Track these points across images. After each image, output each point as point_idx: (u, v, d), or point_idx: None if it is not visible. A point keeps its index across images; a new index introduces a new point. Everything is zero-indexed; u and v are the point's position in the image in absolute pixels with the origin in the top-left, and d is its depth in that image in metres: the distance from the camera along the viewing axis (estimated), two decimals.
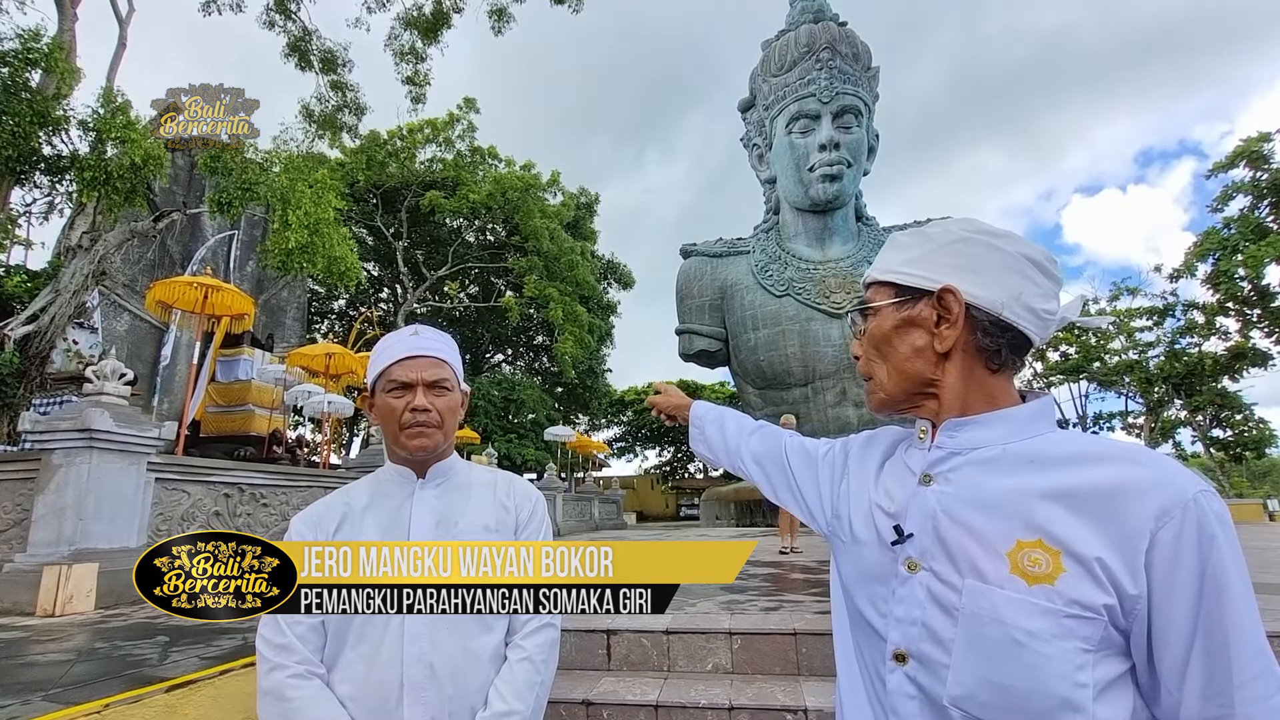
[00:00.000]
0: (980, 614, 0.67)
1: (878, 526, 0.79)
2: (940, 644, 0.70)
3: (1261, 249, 22.13)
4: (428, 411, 1.18)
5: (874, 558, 0.78)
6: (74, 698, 2.49)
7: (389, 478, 1.24)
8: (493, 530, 1.20)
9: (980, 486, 0.73)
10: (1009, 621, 0.65)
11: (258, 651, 1.08)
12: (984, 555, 0.69)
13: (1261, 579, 4.70)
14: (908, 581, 0.74)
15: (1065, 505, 0.68)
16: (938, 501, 0.74)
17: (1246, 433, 27.14)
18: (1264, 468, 46.10)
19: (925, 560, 0.73)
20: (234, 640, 3.58)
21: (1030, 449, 0.73)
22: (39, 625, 4.29)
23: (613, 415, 39.23)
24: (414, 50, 14.89)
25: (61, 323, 9.61)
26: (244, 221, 16.15)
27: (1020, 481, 0.71)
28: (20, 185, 9.79)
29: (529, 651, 1.14)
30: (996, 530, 0.69)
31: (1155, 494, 0.64)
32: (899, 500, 0.79)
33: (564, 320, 22.63)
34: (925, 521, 0.74)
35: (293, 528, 1.20)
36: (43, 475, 5.31)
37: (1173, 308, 28.91)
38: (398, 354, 1.20)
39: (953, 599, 0.69)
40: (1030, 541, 0.67)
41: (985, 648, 0.66)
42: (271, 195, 9.65)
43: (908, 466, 0.81)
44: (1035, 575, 0.66)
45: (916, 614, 0.72)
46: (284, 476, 7.98)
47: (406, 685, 1.06)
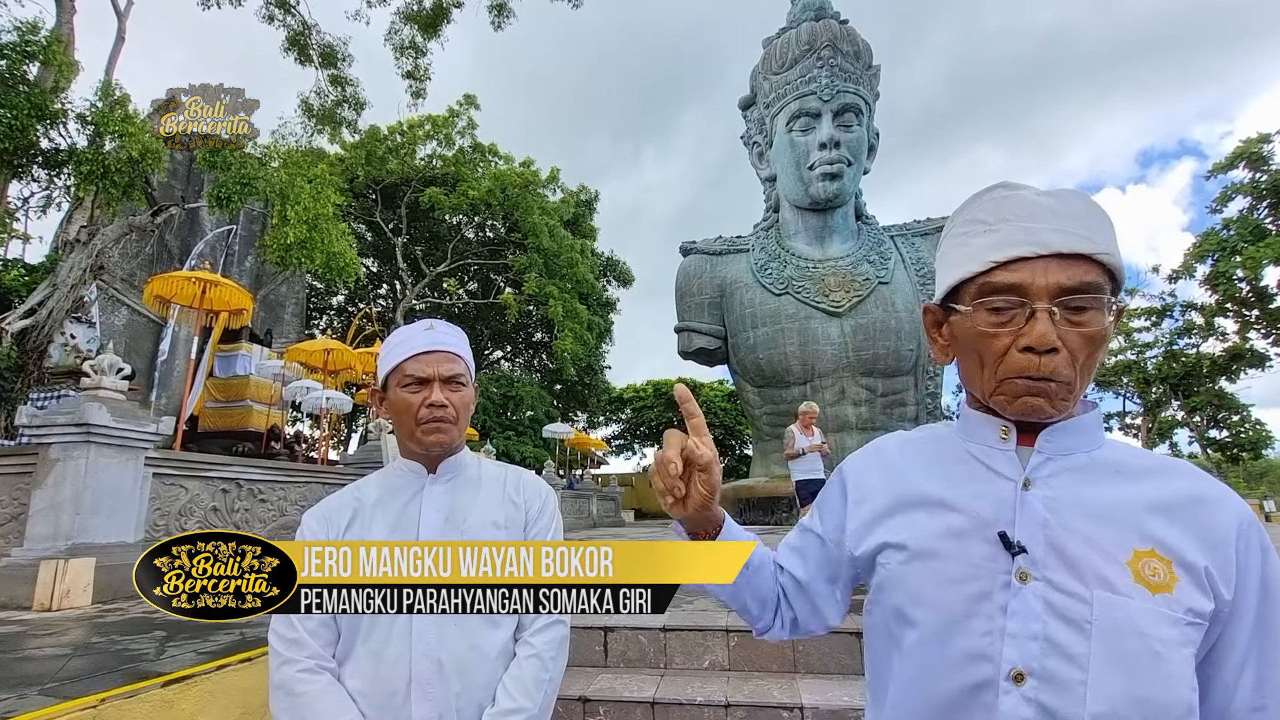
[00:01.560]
0: (1119, 626, 0.64)
1: (965, 536, 0.71)
2: (1071, 659, 0.64)
3: (1260, 250, 22.16)
4: (444, 407, 1.17)
5: (964, 571, 0.70)
6: (70, 692, 2.49)
7: (399, 473, 1.24)
8: (501, 527, 1.20)
9: (1084, 494, 0.71)
10: (1149, 633, 0.64)
11: (270, 646, 1.09)
12: (1107, 565, 0.67)
13: None
14: (1020, 594, 0.67)
15: (1166, 515, 0.69)
16: (1046, 508, 0.70)
17: (1243, 434, 27.22)
18: (1261, 469, 46.25)
19: (1038, 570, 0.67)
20: (231, 635, 3.58)
21: (1111, 458, 0.74)
22: (36, 619, 4.29)
23: (611, 413, 39.22)
24: (414, 45, 14.85)
25: (59, 317, 9.59)
26: (243, 216, 16.09)
27: (1122, 490, 0.71)
28: (18, 179, 9.75)
29: (537, 649, 1.14)
30: (1114, 539, 0.68)
31: (1230, 507, 0.69)
32: (988, 507, 0.72)
33: (563, 317, 22.61)
34: (1035, 530, 0.69)
35: (304, 523, 1.20)
36: (40, 470, 5.30)
37: (1171, 308, 28.98)
38: (413, 349, 1.20)
39: (1080, 611, 0.65)
40: (1145, 551, 0.67)
41: (1126, 661, 0.64)
42: (270, 190, 9.63)
43: (991, 469, 0.74)
44: (1156, 585, 0.66)
45: (1036, 628, 0.66)
46: (282, 472, 7.98)
47: (414, 681, 1.06)
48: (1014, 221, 0.70)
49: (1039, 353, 0.67)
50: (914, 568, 0.73)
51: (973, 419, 0.78)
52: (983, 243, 0.72)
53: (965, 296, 0.73)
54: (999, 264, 0.70)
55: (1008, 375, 0.70)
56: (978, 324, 0.71)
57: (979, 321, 0.71)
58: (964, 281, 0.73)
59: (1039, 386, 0.68)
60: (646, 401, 39.12)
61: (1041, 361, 0.67)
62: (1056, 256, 0.68)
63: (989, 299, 0.70)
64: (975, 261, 0.72)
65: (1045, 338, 0.67)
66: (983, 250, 0.71)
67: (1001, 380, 0.71)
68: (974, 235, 0.73)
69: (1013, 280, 0.69)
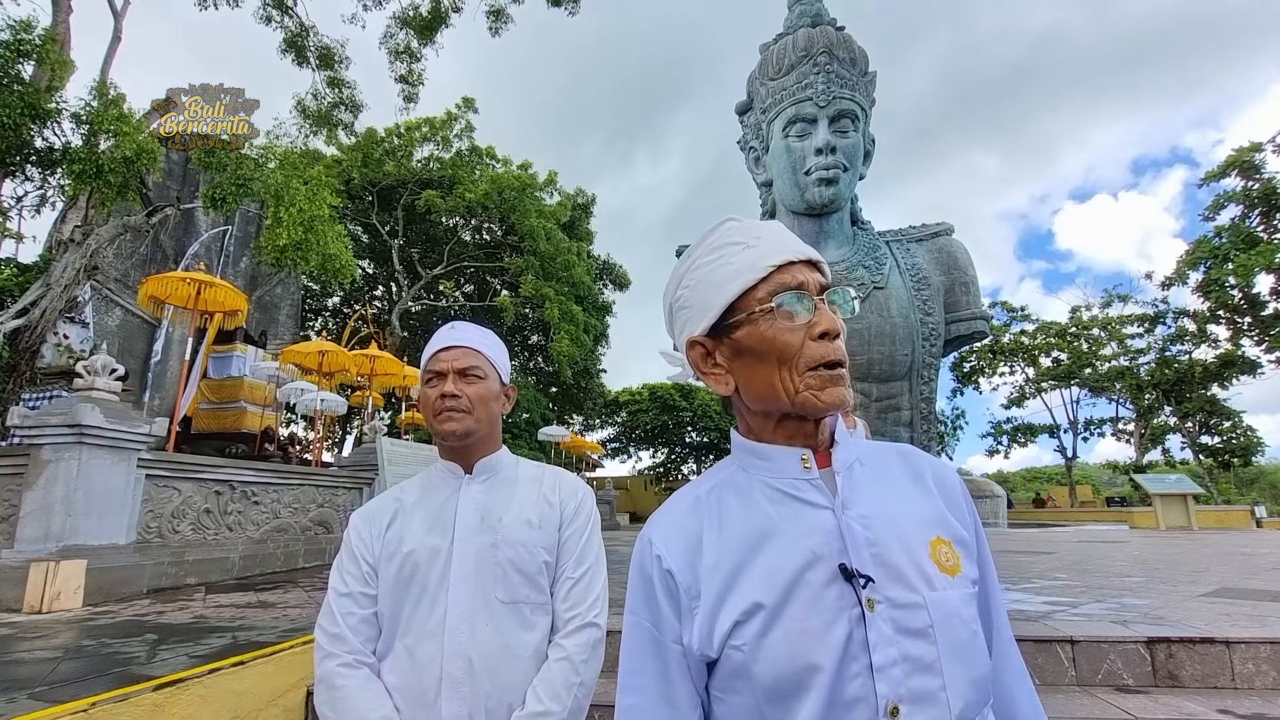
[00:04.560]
0: (948, 619, 0.67)
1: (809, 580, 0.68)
2: (928, 670, 0.65)
3: (1252, 258, 22.36)
4: (456, 397, 1.21)
5: (823, 621, 0.66)
6: (60, 696, 2.47)
7: (439, 474, 1.28)
8: (535, 526, 1.22)
9: (883, 503, 0.73)
10: (965, 615, 0.69)
11: (315, 640, 1.14)
12: (921, 564, 0.69)
13: (1248, 585, 4.74)
14: (873, 623, 0.65)
15: (930, 498, 0.76)
16: (864, 527, 0.70)
17: (1235, 440, 27.37)
18: (1251, 474, 46.49)
19: (878, 593, 0.66)
20: (223, 639, 3.56)
21: (871, 460, 0.79)
22: (25, 622, 4.26)
23: (607, 416, 39.18)
24: (409, 49, 14.84)
25: (52, 317, 9.52)
26: (238, 217, 16.03)
27: (899, 488, 0.77)
28: (11, 178, 9.69)
29: (568, 651, 1.15)
30: (915, 538, 0.71)
31: (947, 466, 0.81)
32: (818, 542, 0.69)
33: (559, 319, 22.59)
34: (864, 552, 0.68)
35: (351, 522, 1.25)
36: (31, 470, 5.26)
37: (1164, 315, 29.21)
38: (434, 348, 1.26)
39: (920, 619, 0.66)
40: (933, 539, 0.72)
41: (961, 650, 0.67)
42: (266, 192, 9.59)
43: (804, 501, 0.73)
44: (950, 568, 0.70)
45: (893, 653, 0.65)
46: (276, 474, 7.94)
47: (445, 679, 1.08)
48: (765, 238, 0.76)
49: (832, 337, 0.73)
50: (775, 637, 0.66)
51: (765, 452, 0.76)
52: (749, 256, 0.75)
53: (751, 304, 0.74)
54: (776, 267, 0.74)
55: (810, 366, 0.72)
56: (777, 322, 0.72)
57: (778, 319, 0.72)
58: (743, 294, 0.74)
59: (839, 375, 0.72)
60: (642, 405, 39.10)
61: (835, 346, 0.72)
62: (806, 261, 0.75)
63: (783, 295, 0.73)
64: (752, 270, 0.74)
65: (835, 323, 0.73)
66: (755, 260, 0.74)
67: (805, 372, 0.72)
68: (733, 255, 0.76)
69: (796, 280, 0.74)
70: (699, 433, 40.46)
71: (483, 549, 1.17)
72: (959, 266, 11.26)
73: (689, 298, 0.80)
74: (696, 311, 0.79)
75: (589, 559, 1.24)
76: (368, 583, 1.17)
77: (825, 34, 11.28)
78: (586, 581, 1.22)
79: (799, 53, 11.22)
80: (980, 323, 11.16)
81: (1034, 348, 32.68)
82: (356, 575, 1.18)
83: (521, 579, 1.17)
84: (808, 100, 10.90)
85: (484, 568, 1.15)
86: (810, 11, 11.95)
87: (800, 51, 11.21)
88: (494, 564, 1.16)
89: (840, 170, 10.77)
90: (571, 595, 1.20)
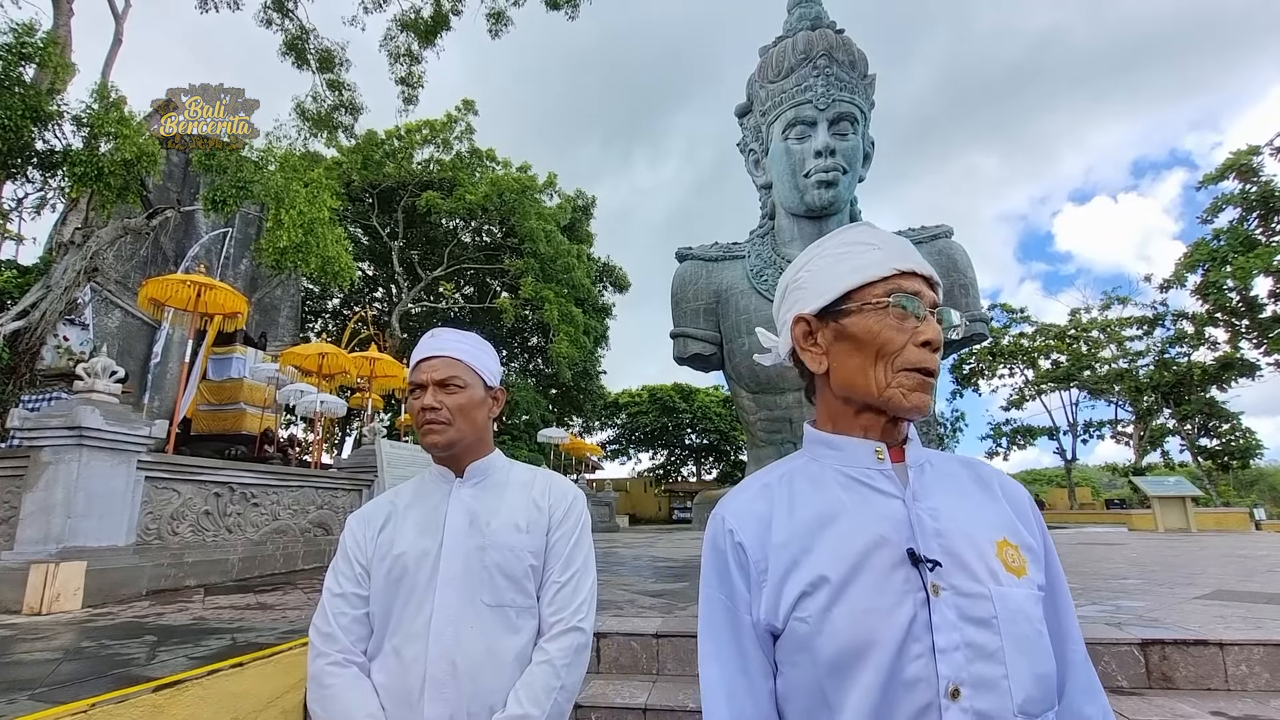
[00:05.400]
0: (1013, 614, 0.69)
1: (877, 561, 0.71)
2: (991, 658, 0.67)
3: (1250, 260, 22.38)
4: (436, 409, 1.22)
5: (888, 601, 0.69)
6: (60, 697, 2.48)
7: (432, 478, 1.30)
8: (523, 530, 1.23)
9: (951, 499, 0.77)
10: (1031, 614, 0.71)
11: (309, 639, 1.17)
12: (988, 560, 0.72)
13: (1244, 587, 4.75)
14: (937, 607, 0.68)
15: (998, 505, 0.79)
16: (933, 518, 0.74)
17: (1233, 442, 27.37)
18: (1250, 477, 46.51)
19: (944, 580, 0.70)
20: (222, 640, 3.57)
21: (941, 462, 0.82)
22: (25, 623, 4.27)
23: (607, 418, 39.18)
24: (410, 52, 14.87)
25: (52, 319, 9.54)
26: (238, 219, 16.04)
27: (968, 490, 0.80)
28: (12, 180, 9.71)
29: (550, 655, 1.15)
30: (984, 536, 0.74)
31: (1018, 484, 0.83)
32: (887, 528, 0.73)
33: (559, 321, 22.60)
34: (932, 541, 0.72)
35: (348, 524, 1.27)
36: (31, 472, 5.27)
37: (1162, 317, 29.22)
38: (415, 358, 1.29)
39: (985, 609, 0.69)
40: (1001, 541, 0.74)
41: (1026, 645, 0.69)
42: (266, 194, 9.61)
43: (876, 489, 0.76)
44: (1017, 569, 0.73)
45: (956, 638, 0.67)
46: (275, 476, 7.95)
47: (428, 680, 1.09)
48: (893, 245, 0.80)
49: (933, 348, 0.76)
50: (839, 612, 0.69)
51: (839, 443, 0.80)
52: (875, 255, 0.79)
53: (867, 296, 0.77)
54: (900, 272, 0.78)
55: (905, 367, 0.75)
56: (887, 319, 0.76)
57: (889, 317, 0.76)
58: (863, 286, 0.78)
59: (929, 382, 0.76)
60: (641, 407, 39.12)
61: (934, 356, 0.76)
62: (924, 276, 0.79)
63: (901, 295, 0.76)
64: (877, 267, 0.78)
65: (939, 336, 0.76)
66: (880, 260, 0.78)
67: (899, 371, 0.75)
68: (860, 252, 0.80)
69: (915, 288, 0.77)
70: (698, 434, 40.48)
71: (470, 552, 1.18)
72: (958, 269, 11.22)
73: (807, 280, 0.84)
74: (811, 294, 0.82)
75: (576, 563, 1.24)
76: (360, 584, 1.19)
77: (825, 37, 11.27)
78: (573, 586, 1.22)
79: (798, 56, 11.21)
80: (980, 325, 11.10)
81: (1033, 350, 32.71)
82: (350, 576, 1.20)
83: (507, 583, 1.17)
84: (807, 103, 10.87)
85: (471, 571, 1.16)
86: (810, 14, 11.94)
87: (800, 54, 11.19)
88: (481, 567, 1.17)
89: (840, 173, 10.74)
90: (557, 599, 1.20)
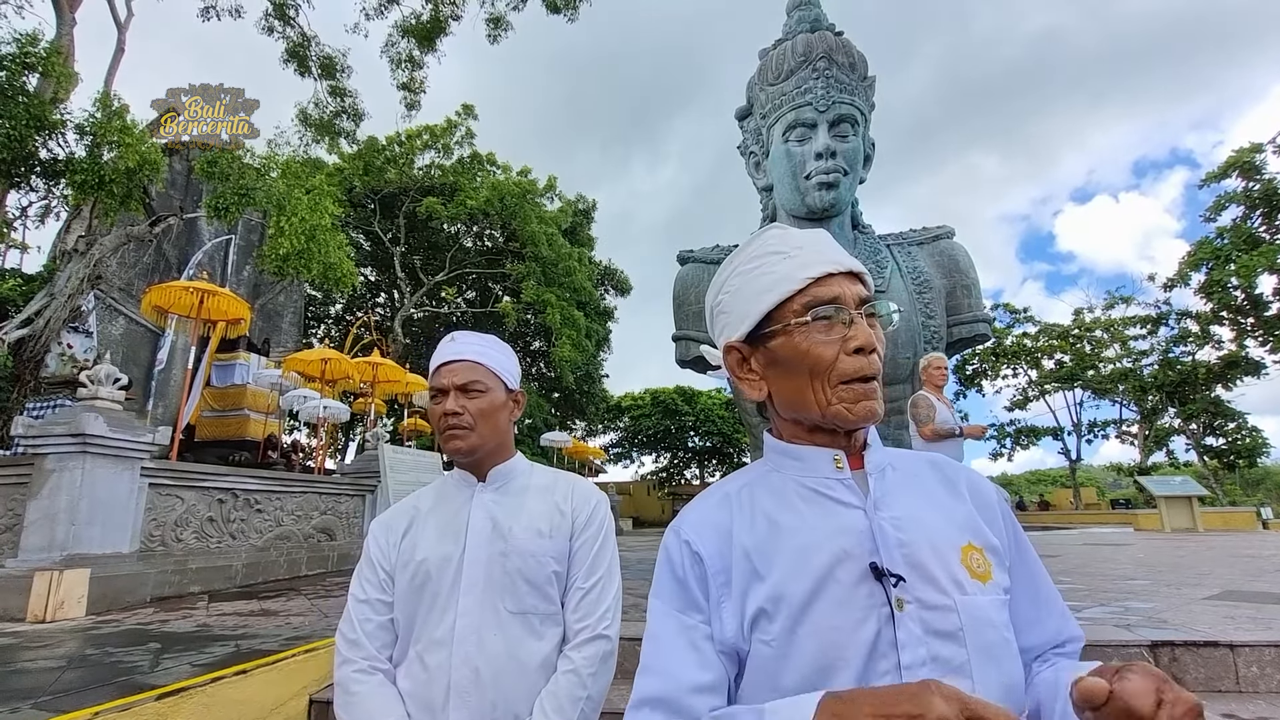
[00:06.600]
0: (979, 623, 0.67)
1: (839, 576, 0.68)
2: (958, 671, 0.65)
3: (1254, 259, 22.32)
4: (458, 415, 1.21)
5: (853, 618, 0.66)
6: (63, 705, 2.48)
7: (454, 482, 1.30)
8: (545, 535, 1.21)
9: (915, 506, 0.74)
10: (997, 621, 0.69)
11: (335, 645, 1.17)
12: (952, 569, 0.69)
13: (1253, 587, 4.71)
14: (902, 623, 0.66)
15: (964, 506, 0.76)
16: (895, 528, 0.70)
17: (1239, 441, 27.24)
18: (1257, 476, 46.21)
19: (908, 593, 0.67)
20: (226, 648, 3.56)
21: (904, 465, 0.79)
22: (29, 631, 4.26)
23: (609, 421, 39.17)
24: (411, 58, 14.94)
25: (56, 326, 9.57)
26: (241, 226, 16.10)
27: (932, 493, 0.77)
28: (16, 188, 9.76)
29: (576, 664, 1.14)
30: (947, 543, 0.71)
31: (986, 480, 0.80)
32: (849, 541, 0.70)
33: (561, 325, 22.62)
34: (895, 553, 0.69)
35: (371, 530, 1.27)
36: (35, 480, 5.28)
37: (1166, 316, 29.11)
38: (435, 362, 1.27)
39: (951, 621, 0.66)
40: (965, 545, 0.72)
41: (993, 654, 0.67)
42: (268, 201, 9.64)
43: (836, 500, 0.73)
44: (982, 575, 0.71)
45: (922, 653, 0.65)
46: (278, 482, 7.95)
47: (452, 688, 1.09)
48: (807, 248, 0.76)
49: (867, 353, 0.72)
50: (804, 633, 0.66)
51: (798, 453, 0.77)
52: (788, 266, 0.75)
53: (787, 316, 0.74)
54: (814, 279, 0.73)
55: (843, 379, 0.72)
56: (812, 335, 0.73)
57: (813, 332, 0.73)
58: (780, 304, 0.75)
59: (871, 389, 0.72)
60: (644, 410, 39.10)
61: (869, 361, 0.72)
62: (846, 273, 0.75)
63: (819, 309, 0.73)
64: (789, 282, 0.74)
65: (871, 338, 0.72)
66: (792, 271, 0.74)
67: (838, 385, 0.72)
68: (773, 264, 0.76)
69: (833, 293, 0.73)
70: (701, 437, 40.43)
71: (493, 558, 1.17)
72: (960, 269, 11.22)
73: (728, 303, 0.81)
74: (735, 318, 0.79)
75: (600, 569, 1.22)
76: (384, 590, 1.19)
77: (824, 39, 11.28)
78: (598, 592, 1.20)
79: (798, 58, 11.22)
80: (982, 325, 11.10)
81: (1037, 350, 32.60)
82: (374, 582, 1.19)
83: (529, 589, 1.16)
84: (807, 105, 10.88)
85: (493, 577, 1.15)
86: (809, 17, 11.96)
87: (799, 57, 11.21)
88: (503, 573, 1.16)
89: (840, 174, 10.74)
90: (582, 606, 1.19)
